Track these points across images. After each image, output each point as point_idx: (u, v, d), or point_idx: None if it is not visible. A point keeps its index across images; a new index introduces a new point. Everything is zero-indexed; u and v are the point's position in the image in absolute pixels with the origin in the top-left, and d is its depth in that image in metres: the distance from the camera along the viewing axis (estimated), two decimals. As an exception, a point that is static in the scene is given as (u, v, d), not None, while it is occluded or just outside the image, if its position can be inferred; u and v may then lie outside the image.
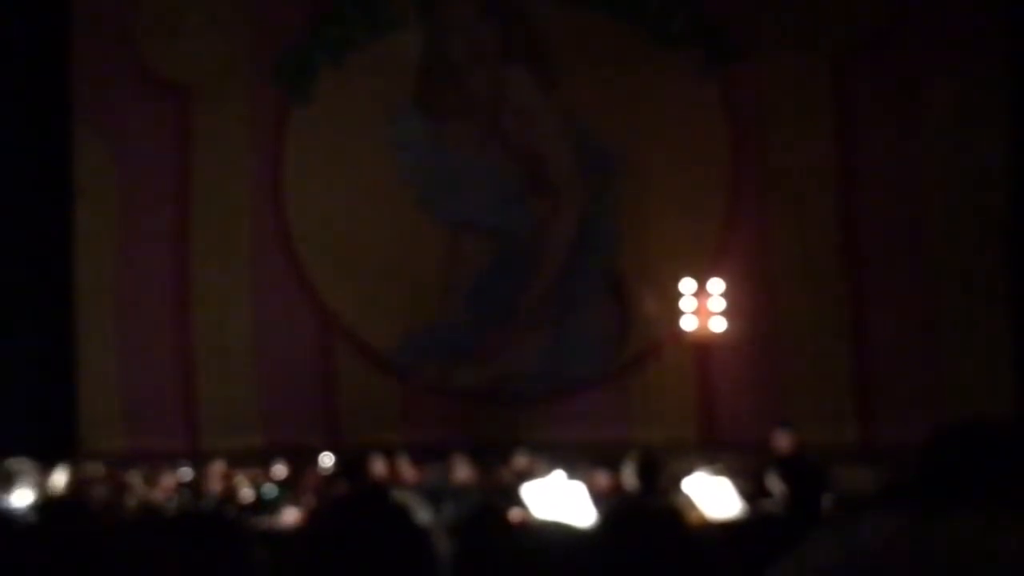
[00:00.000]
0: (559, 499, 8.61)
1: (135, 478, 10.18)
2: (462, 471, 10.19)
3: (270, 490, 10.07)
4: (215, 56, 13.34)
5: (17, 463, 9.69)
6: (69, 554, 2.50)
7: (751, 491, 9.49)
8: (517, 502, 8.75)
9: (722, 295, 12.11)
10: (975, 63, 12.06)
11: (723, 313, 12.12)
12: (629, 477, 9.08)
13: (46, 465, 9.96)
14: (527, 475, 9.64)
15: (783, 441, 9.68)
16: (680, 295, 12.12)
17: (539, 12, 13.05)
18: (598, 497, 8.81)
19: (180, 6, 13.45)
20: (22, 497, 9.35)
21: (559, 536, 3.25)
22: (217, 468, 10.22)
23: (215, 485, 10.06)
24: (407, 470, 9.96)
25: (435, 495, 9.18)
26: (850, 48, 12.42)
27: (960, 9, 12.13)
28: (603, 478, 9.49)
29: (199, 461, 10.70)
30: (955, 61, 12.07)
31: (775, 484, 9.23)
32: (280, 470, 10.52)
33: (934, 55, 12.14)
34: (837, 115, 12.51)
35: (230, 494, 9.98)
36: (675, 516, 2.93)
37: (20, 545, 2.82)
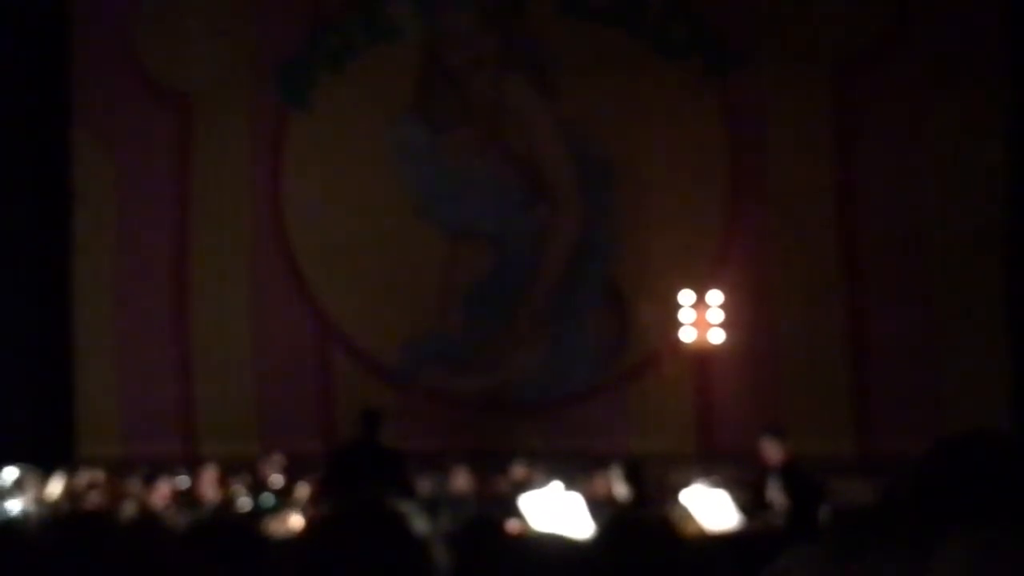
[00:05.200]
0: (557, 510, 8.61)
1: (133, 485, 10.17)
2: (460, 480, 10.19)
3: (267, 499, 10.05)
4: (215, 63, 13.33)
5: (15, 470, 9.69)
6: (74, 564, 2.49)
7: (749, 502, 9.46)
8: (515, 512, 8.75)
9: (721, 306, 12.08)
10: (976, 75, 12.05)
11: (722, 325, 12.09)
12: (618, 487, 9.10)
13: (44, 472, 9.97)
14: (525, 485, 9.64)
15: (771, 450, 9.49)
16: (679, 306, 12.09)
17: (539, 20, 13.05)
18: (596, 502, 8.83)
19: (180, 12, 13.45)
20: (21, 504, 9.36)
21: (556, 548, 3.25)
22: (209, 474, 10.19)
23: (209, 492, 10.04)
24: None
25: (433, 504, 9.19)
26: (851, 59, 12.42)
27: (961, 21, 12.13)
28: (602, 483, 9.50)
29: (196, 468, 10.67)
30: (956, 73, 12.05)
31: (775, 495, 9.18)
32: (277, 479, 10.50)
33: (935, 67, 12.13)
34: (837, 125, 12.50)
35: (227, 502, 9.96)
36: (671, 528, 2.93)
37: (26, 555, 2.80)
